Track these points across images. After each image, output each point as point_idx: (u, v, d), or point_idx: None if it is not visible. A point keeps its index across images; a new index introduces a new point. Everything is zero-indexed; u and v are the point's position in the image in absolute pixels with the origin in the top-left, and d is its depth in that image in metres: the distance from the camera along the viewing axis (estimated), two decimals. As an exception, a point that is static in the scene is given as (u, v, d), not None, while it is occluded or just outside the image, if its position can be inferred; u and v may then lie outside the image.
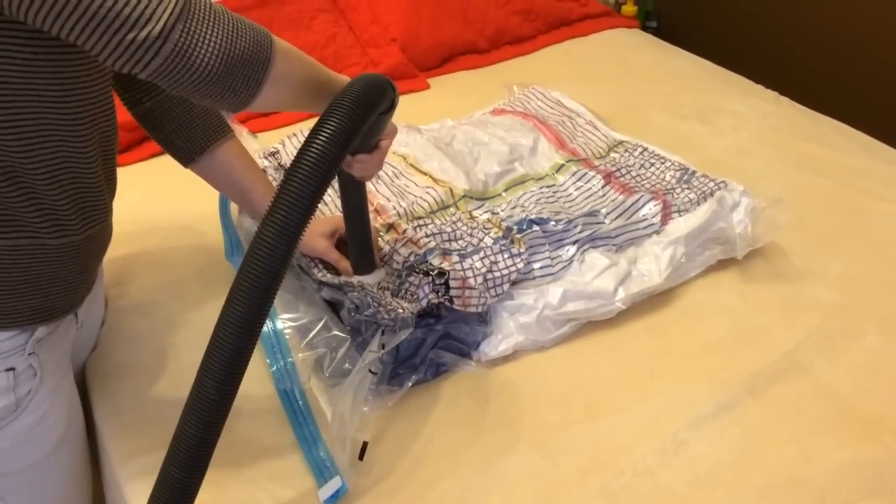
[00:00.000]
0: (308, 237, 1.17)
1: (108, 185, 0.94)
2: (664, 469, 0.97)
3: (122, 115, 1.03)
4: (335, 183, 1.10)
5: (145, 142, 1.58)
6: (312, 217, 0.76)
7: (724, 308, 1.21)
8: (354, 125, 0.78)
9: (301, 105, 0.86)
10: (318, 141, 0.75)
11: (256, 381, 1.08)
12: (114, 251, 1.03)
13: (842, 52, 2.31)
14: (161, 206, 1.43)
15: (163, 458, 0.75)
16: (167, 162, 1.12)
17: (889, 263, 1.31)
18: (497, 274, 1.15)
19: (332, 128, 0.76)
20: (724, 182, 1.32)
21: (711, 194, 1.29)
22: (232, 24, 0.72)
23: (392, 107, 0.91)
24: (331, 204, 1.33)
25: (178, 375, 1.10)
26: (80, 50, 0.72)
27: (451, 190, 1.34)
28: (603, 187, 1.37)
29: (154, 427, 1.02)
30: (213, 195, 1.32)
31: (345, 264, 1.18)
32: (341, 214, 1.13)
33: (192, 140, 1.07)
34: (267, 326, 1.13)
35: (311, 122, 1.37)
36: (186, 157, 1.08)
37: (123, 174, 1.04)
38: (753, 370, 1.10)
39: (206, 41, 0.69)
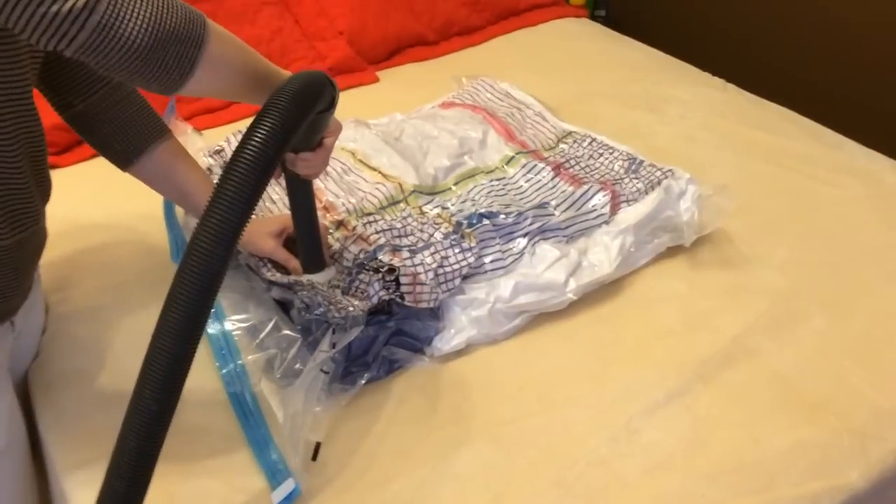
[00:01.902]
0: (255, 237, 1.15)
1: (39, 188, 0.91)
2: (617, 458, 0.97)
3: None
4: (284, 181, 1.09)
5: (84, 143, 1.54)
6: (253, 217, 0.74)
7: (673, 295, 1.23)
8: (291, 123, 0.77)
9: (239, 95, 0.84)
10: (254, 140, 0.74)
11: (206, 382, 1.06)
12: (54, 255, 1.01)
13: (787, 39, 2.35)
14: (103, 207, 1.39)
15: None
16: (108, 162, 1.09)
17: (833, 247, 1.34)
18: (448, 269, 1.15)
19: (268, 126, 0.74)
20: (670, 171, 1.34)
21: (659, 183, 1.30)
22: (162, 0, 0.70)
23: (332, 104, 0.89)
24: (279, 202, 1.31)
25: (124, 382, 1.05)
26: None
27: (400, 185, 1.33)
28: (552, 179, 1.37)
29: (100, 435, 0.99)
30: (156, 195, 1.29)
31: (294, 263, 1.16)
32: (289, 213, 1.12)
33: (128, 142, 1.04)
34: (215, 328, 1.11)
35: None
36: (124, 161, 1.05)
37: (62, 176, 1.01)
38: (703, 356, 1.11)
39: (134, 14, 0.67)
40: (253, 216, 0.74)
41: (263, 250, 1.16)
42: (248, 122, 1.70)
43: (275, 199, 1.31)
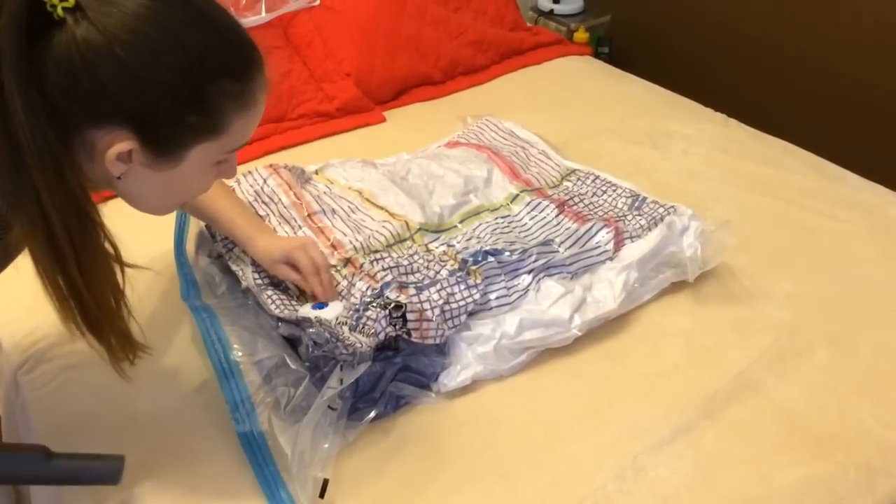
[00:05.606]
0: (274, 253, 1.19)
1: None
2: (623, 496, 0.98)
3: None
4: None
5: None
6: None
7: (678, 330, 1.23)
8: None
9: None
10: None
11: (215, 419, 1.07)
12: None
13: (787, 74, 2.38)
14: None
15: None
16: (116, 201, 1.10)
17: (837, 280, 1.34)
18: (454, 305, 1.16)
19: None
20: (673, 207, 1.35)
21: (662, 219, 1.32)
22: None
23: None
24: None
25: (136, 425, 1.08)
26: None
27: (407, 223, 1.35)
28: (557, 216, 1.39)
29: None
30: (168, 234, 1.31)
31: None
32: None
33: None
34: (223, 365, 1.12)
35: (276, 157, 1.35)
36: None
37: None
38: (708, 392, 1.12)
39: None
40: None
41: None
42: (266, 160, 1.70)
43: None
